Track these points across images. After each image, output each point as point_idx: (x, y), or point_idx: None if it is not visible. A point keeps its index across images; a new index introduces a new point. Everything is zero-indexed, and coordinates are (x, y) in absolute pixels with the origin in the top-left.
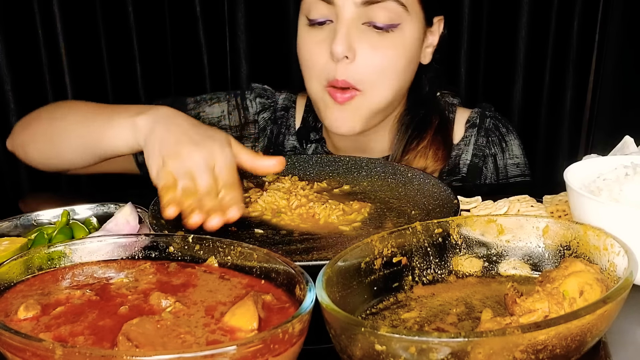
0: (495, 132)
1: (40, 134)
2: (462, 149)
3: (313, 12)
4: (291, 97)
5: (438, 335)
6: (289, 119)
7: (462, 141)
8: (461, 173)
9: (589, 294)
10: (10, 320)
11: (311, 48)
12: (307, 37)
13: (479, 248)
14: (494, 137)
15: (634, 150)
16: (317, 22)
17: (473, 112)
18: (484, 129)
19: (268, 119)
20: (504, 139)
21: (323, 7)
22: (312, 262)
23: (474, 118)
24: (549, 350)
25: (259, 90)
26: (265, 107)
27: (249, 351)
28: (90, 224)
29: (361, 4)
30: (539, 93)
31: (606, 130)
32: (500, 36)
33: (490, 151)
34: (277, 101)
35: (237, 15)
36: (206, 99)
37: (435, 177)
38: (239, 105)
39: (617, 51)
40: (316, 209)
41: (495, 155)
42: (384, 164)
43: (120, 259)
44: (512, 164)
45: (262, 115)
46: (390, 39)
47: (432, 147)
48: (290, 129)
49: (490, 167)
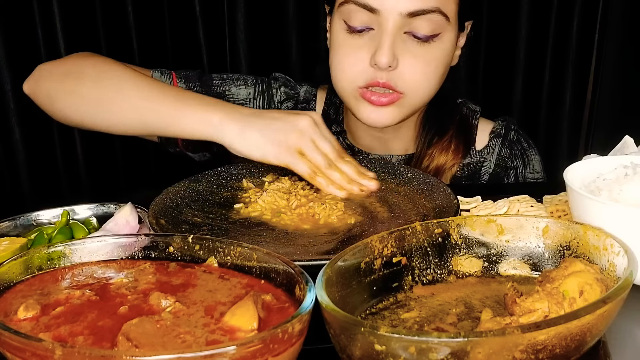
0: (518, 146)
1: (83, 96)
2: (484, 157)
3: (354, 20)
4: (312, 90)
5: (438, 335)
6: (309, 110)
7: (485, 149)
8: (481, 180)
9: (589, 294)
10: (10, 320)
11: (349, 53)
12: (345, 42)
13: (478, 248)
14: (516, 151)
15: (633, 150)
16: (358, 30)
17: (497, 124)
18: (508, 141)
19: (291, 109)
20: (526, 154)
21: (365, 15)
22: (312, 262)
23: (499, 129)
24: (548, 350)
25: (283, 79)
26: (288, 96)
27: (248, 351)
28: (90, 224)
29: (406, 15)
30: (539, 93)
31: (606, 130)
32: (500, 36)
33: (512, 163)
34: (299, 93)
35: (237, 15)
36: (233, 79)
37: (435, 177)
38: (265, 92)
39: (617, 51)
40: (316, 209)
41: (517, 168)
42: (384, 163)
43: (120, 259)
44: (532, 178)
45: (285, 105)
46: (432, 49)
47: (454, 142)
48: None
49: (511, 179)
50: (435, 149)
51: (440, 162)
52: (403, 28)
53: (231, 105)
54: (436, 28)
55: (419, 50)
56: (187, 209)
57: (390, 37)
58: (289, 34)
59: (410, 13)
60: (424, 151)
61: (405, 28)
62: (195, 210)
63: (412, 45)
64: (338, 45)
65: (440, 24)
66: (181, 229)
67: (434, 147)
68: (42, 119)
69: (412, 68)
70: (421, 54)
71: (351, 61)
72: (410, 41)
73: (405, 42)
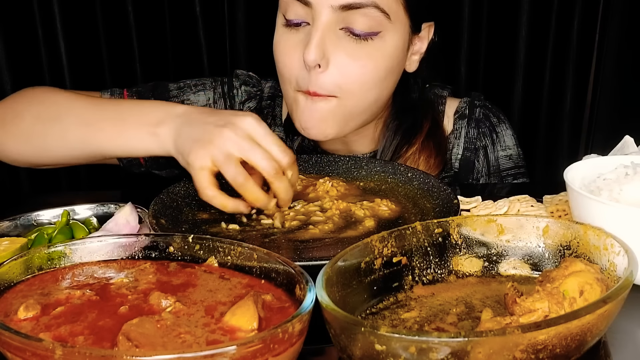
0: (486, 123)
1: (24, 135)
2: (452, 143)
3: (289, 12)
4: (277, 86)
5: (438, 335)
6: (275, 108)
7: (452, 134)
8: (453, 168)
9: (589, 293)
10: (10, 320)
11: (286, 50)
12: (282, 38)
13: (479, 248)
14: (484, 128)
15: (634, 150)
16: (294, 23)
17: (462, 102)
18: (474, 120)
19: (253, 109)
20: (495, 130)
21: (299, 8)
22: (312, 262)
23: (463, 108)
24: (549, 350)
25: (244, 77)
26: (250, 95)
27: (248, 351)
28: (90, 224)
29: (339, 9)
30: (539, 93)
31: (606, 130)
32: (500, 36)
33: (481, 143)
34: (263, 90)
35: (237, 15)
36: (190, 85)
37: (435, 177)
38: (226, 93)
39: (617, 51)
40: (316, 208)
41: (486, 147)
42: (383, 163)
43: (120, 259)
44: (504, 155)
45: (247, 105)
46: (369, 48)
47: (422, 153)
48: (277, 119)
49: (481, 160)
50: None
51: None
52: (338, 24)
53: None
54: (374, 25)
55: (354, 48)
56: (187, 209)
57: (320, 32)
58: None
59: (343, 6)
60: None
61: (341, 24)
62: (196, 210)
63: (347, 42)
64: (277, 41)
65: (378, 20)
66: (181, 229)
67: (400, 160)
68: None
69: (344, 69)
70: (357, 53)
71: (287, 61)
72: (346, 38)
73: (340, 39)
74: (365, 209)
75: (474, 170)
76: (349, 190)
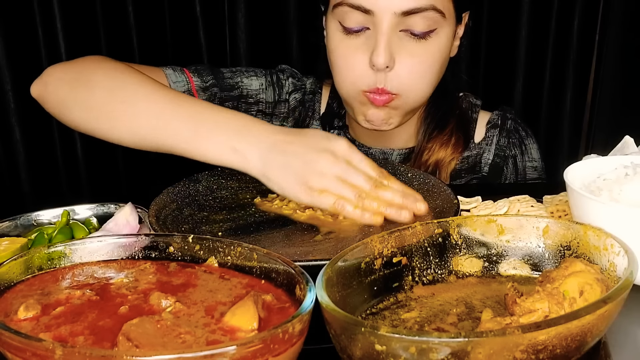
0: (515, 135)
1: (93, 108)
2: (483, 148)
3: (348, 21)
4: (317, 83)
5: (438, 335)
6: (315, 103)
7: (483, 141)
8: (482, 172)
9: (589, 294)
10: (10, 320)
11: (347, 55)
12: (342, 44)
13: (479, 248)
14: (514, 139)
15: (634, 150)
16: (354, 30)
17: (494, 114)
18: (505, 130)
19: (299, 100)
20: (524, 142)
21: (360, 16)
22: (312, 262)
23: (495, 119)
24: (549, 350)
25: (290, 71)
26: (296, 87)
27: (249, 351)
28: (90, 224)
29: (400, 14)
30: (539, 93)
31: (606, 130)
32: (500, 36)
33: (510, 152)
34: (305, 84)
35: (237, 15)
36: (242, 71)
37: (435, 177)
38: (275, 82)
39: (617, 51)
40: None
41: (515, 157)
42: (383, 164)
43: (120, 259)
44: (530, 166)
45: (293, 96)
46: (428, 45)
47: (454, 136)
48: (315, 113)
49: (510, 167)
50: (435, 143)
51: (440, 156)
52: (399, 26)
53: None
54: (432, 24)
55: (416, 47)
56: (187, 209)
57: (386, 36)
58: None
59: (405, 12)
60: (423, 145)
61: (401, 26)
62: (196, 210)
63: (408, 42)
64: (335, 47)
65: (435, 20)
66: (181, 229)
67: (433, 141)
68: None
69: (408, 67)
70: (418, 51)
71: (350, 64)
72: (407, 39)
73: (401, 39)
74: None
75: (502, 175)
76: None
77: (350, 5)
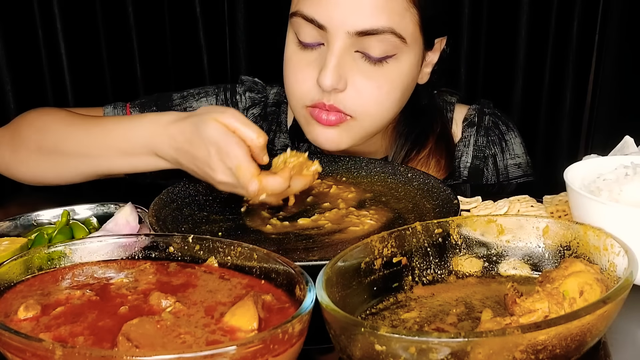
0: (495, 131)
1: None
2: (461, 151)
3: (303, 34)
4: (283, 92)
5: (438, 335)
6: (280, 115)
7: (461, 142)
8: (462, 177)
9: (589, 294)
10: (10, 320)
11: (298, 69)
12: (295, 56)
13: (479, 248)
14: (494, 137)
15: (634, 150)
16: (308, 45)
17: (470, 110)
18: (483, 128)
19: (258, 115)
20: (504, 138)
21: (314, 30)
22: (312, 262)
23: (472, 116)
24: (549, 350)
25: (249, 83)
26: (255, 102)
27: (248, 351)
28: (90, 224)
29: (355, 34)
30: (539, 93)
31: (606, 130)
32: (500, 36)
33: (490, 151)
34: (267, 96)
35: (237, 15)
36: (193, 94)
37: (435, 177)
38: (228, 100)
39: (616, 52)
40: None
41: (495, 156)
42: (383, 164)
43: (120, 259)
44: (512, 164)
45: (251, 111)
46: (386, 70)
47: (434, 156)
48: (282, 126)
49: (490, 168)
50: (412, 164)
51: None
52: (353, 47)
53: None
54: (390, 49)
55: (372, 71)
56: (187, 209)
57: (336, 57)
58: None
59: (360, 32)
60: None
61: (356, 47)
62: (196, 210)
63: (363, 65)
64: (288, 58)
65: (394, 44)
66: (181, 229)
67: (412, 163)
68: None
69: (361, 91)
70: (374, 74)
71: (299, 78)
72: (362, 61)
73: (356, 60)
74: (366, 210)
75: (483, 178)
76: (349, 190)
77: (304, 17)
